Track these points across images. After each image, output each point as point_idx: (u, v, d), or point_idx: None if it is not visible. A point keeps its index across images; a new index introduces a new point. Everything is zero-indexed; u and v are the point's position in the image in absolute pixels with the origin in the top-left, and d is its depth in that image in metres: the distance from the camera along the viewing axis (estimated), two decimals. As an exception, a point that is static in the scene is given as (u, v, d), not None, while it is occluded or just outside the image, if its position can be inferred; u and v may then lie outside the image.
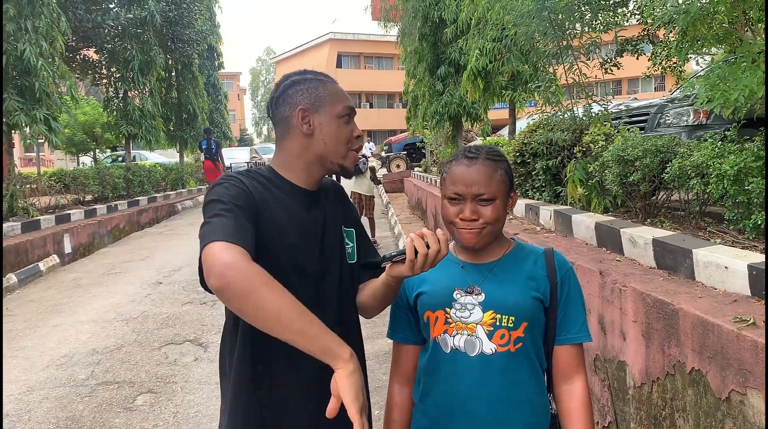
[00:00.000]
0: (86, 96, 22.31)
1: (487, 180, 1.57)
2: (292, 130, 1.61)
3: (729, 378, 2.30)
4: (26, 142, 11.11)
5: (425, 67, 13.28)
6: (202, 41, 20.41)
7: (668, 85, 25.28)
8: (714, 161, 3.55)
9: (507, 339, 1.56)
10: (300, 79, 1.65)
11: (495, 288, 1.60)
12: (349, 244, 1.73)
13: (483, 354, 1.56)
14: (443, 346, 1.61)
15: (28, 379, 4.92)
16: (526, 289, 1.59)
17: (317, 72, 1.70)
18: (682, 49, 4.74)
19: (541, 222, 5.65)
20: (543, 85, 6.63)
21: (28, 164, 26.03)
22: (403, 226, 11.80)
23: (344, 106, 1.64)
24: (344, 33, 49.47)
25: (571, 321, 1.64)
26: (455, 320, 1.60)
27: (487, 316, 1.57)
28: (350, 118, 1.66)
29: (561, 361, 1.64)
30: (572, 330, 1.64)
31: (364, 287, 1.72)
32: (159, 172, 18.39)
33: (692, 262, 3.10)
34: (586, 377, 1.65)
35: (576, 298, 1.66)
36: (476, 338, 1.57)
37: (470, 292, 1.60)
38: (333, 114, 1.62)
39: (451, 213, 1.60)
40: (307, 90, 1.62)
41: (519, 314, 1.56)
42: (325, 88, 1.64)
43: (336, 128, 1.62)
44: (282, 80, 1.69)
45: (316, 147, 1.61)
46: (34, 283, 8.74)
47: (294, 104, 1.61)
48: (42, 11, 10.10)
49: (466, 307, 1.59)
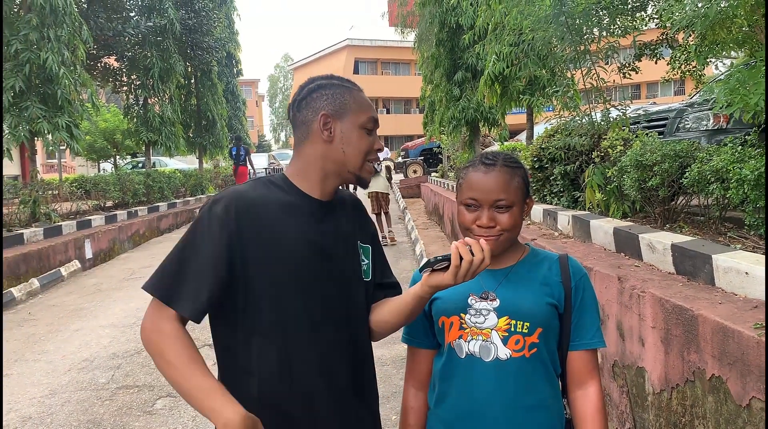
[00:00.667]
0: (107, 103, 22.64)
1: (505, 186, 1.57)
2: (312, 134, 1.58)
3: (750, 385, 2.28)
4: (48, 148, 11.23)
5: (442, 72, 13.29)
6: (220, 48, 20.58)
7: (688, 89, 25.07)
8: (734, 166, 3.52)
9: (522, 345, 1.56)
10: (326, 83, 1.61)
11: (510, 294, 1.59)
12: (364, 261, 1.69)
13: (498, 359, 1.56)
14: (458, 352, 1.61)
15: (50, 383, 4.99)
16: (540, 295, 1.59)
17: (344, 78, 1.66)
18: (701, 53, 4.70)
19: (559, 227, 5.63)
20: (561, 89, 6.61)
21: (50, 171, 26.38)
22: (420, 232, 11.80)
23: (369, 116, 1.60)
24: (361, 39, 49.61)
25: (585, 327, 1.63)
26: (470, 326, 1.60)
27: (502, 321, 1.57)
28: (373, 130, 1.62)
29: (575, 366, 1.63)
30: (586, 336, 1.63)
31: (379, 306, 1.70)
32: (178, 178, 18.56)
33: (712, 268, 3.07)
34: (600, 383, 1.64)
35: (590, 304, 1.65)
36: (491, 344, 1.57)
37: (485, 297, 1.60)
38: (356, 123, 1.58)
39: (468, 220, 1.59)
40: (332, 96, 1.58)
41: (534, 320, 1.56)
42: (351, 96, 1.60)
43: (357, 138, 1.58)
44: (307, 83, 1.64)
45: (334, 154, 1.58)
46: (56, 288, 8.86)
47: (317, 109, 1.57)
48: (64, 20, 10.27)
49: (481, 313, 1.59)
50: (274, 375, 1.51)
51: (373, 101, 21.08)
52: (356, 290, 1.65)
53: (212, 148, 21.38)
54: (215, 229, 1.46)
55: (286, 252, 1.51)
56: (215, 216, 1.47)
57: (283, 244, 1.51)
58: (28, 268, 8.63)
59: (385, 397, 4.39)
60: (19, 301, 7.93)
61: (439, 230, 12.45)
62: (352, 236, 1.68)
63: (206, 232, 1.47)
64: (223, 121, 21.98)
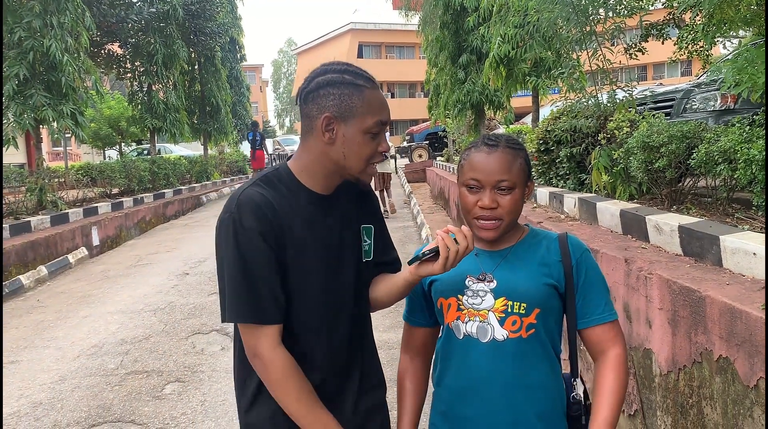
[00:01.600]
0: (111, 90, 22.62)
1: (507, 168, 1.57)
2: (314, 131, 1.54)
3: (757, 365, 2.27)
4: (54, 136, 11.25)
5: (447, 55, 13.20)
6: (224, 34, 20.50)
7: (695, 70, 24.84)
8: (742, 146, 3.49)
9: (519, 325, 1.56)
10: (337, 80, 1.51)
11: (507, 274, 1.60)
12: (366, 242, 1.70)
13: (495, 340, 1.57)
14: (456, 333, 1.63)
15: (59, 369, 5.03)
16: (538, 276, 1.59)
17: (359, 73, 1.55)
18: (708, 32, 4.65)
19: (565, 210, 5.61)
20: (566, 71, 6.56)
21: (55, 159, 26.43)
22: (426, 217, 11.79)
23: (376, 120, 1.52)
24: (365, 23, 49.33)
25: (593, 303, 1.62)
26: (467, 307, 1.61)
27: (499, 302, 1.58)
28: (379, 134, 1.55)
29: (592, 341, 1.63)
30: (596, 312, 1.62)
31: (375, 282, 1.72)
32: (184, 165, 18.60)
33: (719, 249, 3.06)
34: (622, 347, 1.61)
35: (595, 280, 1.63)
36: (488, 325, 1.58)
37: (482, 279, 1.61)
38: (361, 128, 1.51)
39: (470, 201, 1.60)
40: (339, 96, 1.50)
41: (530, 301, 1.56)
42: (360, 98, 1.51)
43: (359, 143, 1.52)
44: (318, 73, 1.55)
45: (334, 156, 1.54)
46: (64, 275, 8.91)
47: (322, 107, 1.50)
48: (67, 7, 10.23)
49: (478, 294, 1.60)
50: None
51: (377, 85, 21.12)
52: (362, 273, 1.68)
53: (217, 134, 21.38)
54: (257, 241, 1.47)
55: (299, 250, 1.53)
56: (253, 229, 1.47)
57: (297, 243, 1.53)
58: (35, 256, 8.68)
59: (393, 380, 4.39)
60: (27, 289, 7.99)
61: (445, 214, 12.43)
62: (356, 222, 1.69)
63: (254, 247, 1.47)
64: (228, 107, 21.96)
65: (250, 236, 1.46)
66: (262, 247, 1.47)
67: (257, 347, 1.49)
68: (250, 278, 1.47)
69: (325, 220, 1.59)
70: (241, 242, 1.46)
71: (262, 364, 1.49)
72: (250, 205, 1.48)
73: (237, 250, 1.47)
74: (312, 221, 1.57)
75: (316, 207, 1.58)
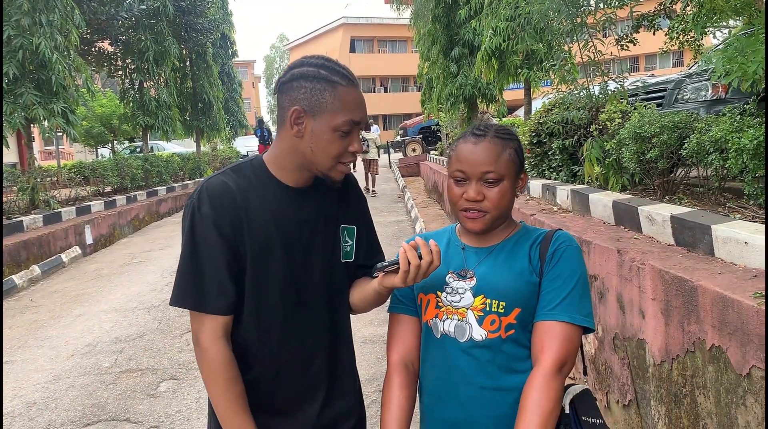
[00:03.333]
0: (102, 88, 22.49)
1: (493, 159, 1.49)
2: (285, 124, 1.51)
3: (750, 354, 2.28)
4: (45, 135, 11.16)
5: (439, 49, 13.19)
6: (215, 30, 20.39)
7: (686, 61, 24.89)
8: (733, 136, 3.49)
9: (498, 325, 1.48)
10: (311, 73, 1.48)
11: (487, 272, 1.52)
12: (347, 243, 1.66)
13: (473, 340, 1.50)
14: (434, 331, 1.56)
15: (54, 368, 5.01)
16: (520, 274, 1.50)
17: (337, 69, 1.50)
18: (698, 22, 4.65)
19: (558, 202, 5.62)
20: (558, 63, 6.55)
21: (48, 158, 26.29)
22: (420, 210, 11.79)
23: (346, 119, 1.47)
24: (357, 17, 49.17)
25: (550, 296, 1.47)
26: (446, 304, 1.54)
27: (478, 301, 1.50)
28: (349, 133, 1.50)
29: (533, 340, 1.48)
30: (547, 306, 1.46)
31: (355, 285, 1.70)
32: (176, 162, 18.53)
33: (711, 239, 3.06)
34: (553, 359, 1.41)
35: (563, 272, 1.48)
36: (466, 324, 1.51)
37: (463, 276, 1.54)
38: (330, 125, 1.47)
39: (456, 193, 1.52)
40: (311, 90, 1.46)
41: (510, 300, 1.48)
42: (333, 94, 1.47)
43: (327, 140, 1.48)
44: (296, 65, 1.53)
45: (302, 150, 1.51)
46: (57, 274, 8.88)
47: (293, 100, 1.48)
48: (56, 4, 10.16)
49: (457, 292, 1.53)
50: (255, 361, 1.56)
51: (370, 80, 21.13)
52: (338, 274, 1.64)
53: (209, 130, 21.29)
54: (210, 229, 1.47)
55: (261, 242, 1.51)
56: (207, 217, 1.47)
57: (259, 235, 1.51)
58: (28, 255, 8.64)
59: (382, 375, 4.39)
60: (20, 288, 7.95)
61: (439, 208, 12.44)
62: (334, 220, 1.64)
63: (206, 235, 1.47)
64: (220, 103, 21.86)
65: (204, 223, 1.47)
66: (213, 235, 1.47)
67: (198, 335, 1.49)
68: (198, 265, 1.47)
69: (294, 213, 1.56)
70: (196, 229, 1.47)
71: (200, 353, 1.50)
72: (210, 192, 1.49)
73: (190, 236, 1.48)
74: (279, 213, 1.54)
75: (286, 199, 1.56)
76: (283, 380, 1.57)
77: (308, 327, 1.58)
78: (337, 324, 1.66)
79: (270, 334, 1.55)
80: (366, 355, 4.65)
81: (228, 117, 25.20)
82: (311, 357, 1.60)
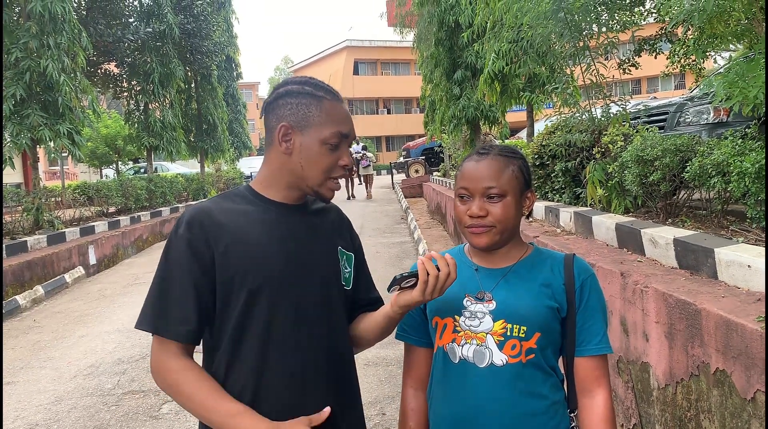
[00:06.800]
0: (108, 109, 22.68)
1: (496, 174, 1.50)
2: (273, 142, 1.51)
3: (754, 378, 2.28)
4: (50, 156, 11.25)
5: (442, 71, 13.27)
6: (220, 52, 20.59)
7: (688, 84, 25.02)
8: (735, 159, 3.51)
9: (518, 350, 1.48)
10: (296, 90, 1.50)
11: (507, 295, 1.51)
12: (347, 269, 1.63)
13: (493, 365, 1.48)
14: (452, 356, 1.54)
15: (56, 389, 5.00)
16: (540, 297, 1.50)
17: (321, 86, 1.53)
18: (699, 46, 4.70)
19: (561, 224, 5.63)
20: (560, 86, 6.60)
21: (52, 178, 26.40)
22: (423, 231, 11.79)
23: (333, 131, 1.48)
24: (360, 40, 49.60)
25: (591, 331, 1.53)
26: (464, 329, 1.52)
27: (498, 325, 1.49)
28: (338, 146, 1.50)
29: (581, 374, 1.53)
30: (592, 341, 1.53)
31: (357, 321, 1.66)
32: (180, 183, 18.59)
33: (714, 262, 3.07)
34: (608, 390, 1.53)
35: (596, 307, 1.54)
36: (486, 348, 1.49)
37: (480, 298, 1.53)
38: (318, 138, 1.47)
39: (461, 211, 1.53)
40: (296, 106, 1.48)
41: (531, 324, 1.48)
42: (319, 108, 1.48)
43: (316, 154, 1.48)
44: (280, 85, 1.55)
45: (292, 167, 1.50)
46: (61, 295, 8.88)
47: (279, 117, 1.49)
48: (63, 27, 10.29)
49: (476, 316, 1.52)
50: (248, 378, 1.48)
51: (373, 101, 21.26)
52: (336, 295, 1.59)
53: (213, 151, 21.38)
54: (183, 250, 1.44)
55: (253, 261, 1.46)
56: (182, 238, 1.45)
57: (251, 254, 1.46)
58: (32, 276, 8.65)
59: (390, 397, 4.39)
60: (24, 309, 7.95)
61: (442, 229, 12.44)
62: (331, 241, 1.62)
63: (178, 257, 1.45)
64: (224, 124, 21.99)
65: (178, 245, 1.45)
66: (186, 256, 1.44)
67: (157, 361, 1.44)
68: (165, 290, 1.45)
69: (290, 229, 1.53)
70: (171, 252, 1.47)
71: (163, 374, 1.44)
72: (192, 215, 1.48)
73: (164, 261, 1.47)
74: (269, 230, 1.50)
75: (276, 215, 1.53)
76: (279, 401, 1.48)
77: (309, 346, 1.51)
78: (339, 344, 1.59)
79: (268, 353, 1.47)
80: (369, 378, 4.63)
81: (232, 138, 25.34)
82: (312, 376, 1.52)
